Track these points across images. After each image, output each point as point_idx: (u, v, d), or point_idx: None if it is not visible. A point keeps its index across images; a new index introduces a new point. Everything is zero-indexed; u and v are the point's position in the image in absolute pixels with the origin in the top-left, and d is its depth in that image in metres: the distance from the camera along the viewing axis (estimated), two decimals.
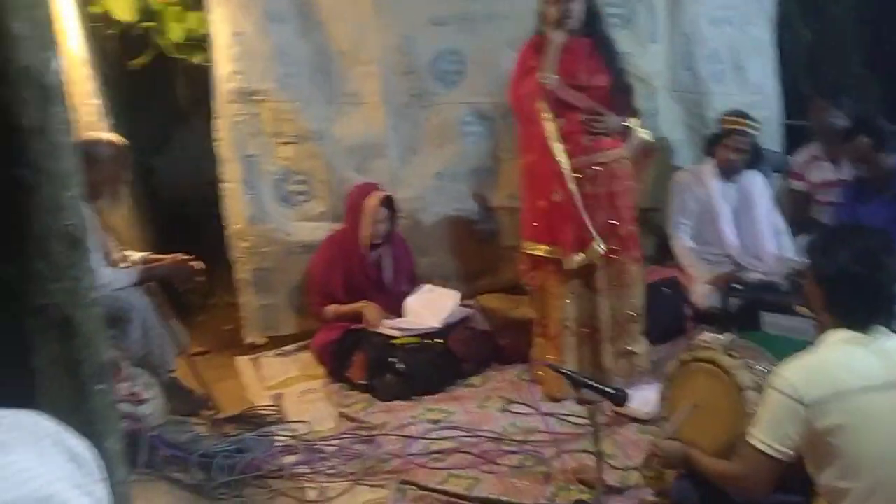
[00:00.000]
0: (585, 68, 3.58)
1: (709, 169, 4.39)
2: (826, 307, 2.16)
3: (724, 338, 2.61)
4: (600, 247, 3.57)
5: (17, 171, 1.81)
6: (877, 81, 6.20)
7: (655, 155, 3.89)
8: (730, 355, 2.51)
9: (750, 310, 3.72)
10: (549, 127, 3.53)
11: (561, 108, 3.57)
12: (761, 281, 4.00)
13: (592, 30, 3.61)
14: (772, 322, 3.58)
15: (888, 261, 2.10)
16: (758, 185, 4.39)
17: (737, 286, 3.96)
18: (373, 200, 4.10)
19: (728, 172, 4.35)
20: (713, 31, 5.04)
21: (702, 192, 4.37)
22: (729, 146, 4.31)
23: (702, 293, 4.12)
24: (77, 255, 1.90)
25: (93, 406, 1.92)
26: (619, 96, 3.64)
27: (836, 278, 2.12)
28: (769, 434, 2.07)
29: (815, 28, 6.02)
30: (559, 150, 3.53)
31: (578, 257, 3.60)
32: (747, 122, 4.32)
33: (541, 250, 3.70)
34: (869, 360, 2.05)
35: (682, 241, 4.38)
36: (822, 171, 4.54)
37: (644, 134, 3.74)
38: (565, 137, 3.56)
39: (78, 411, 1.89)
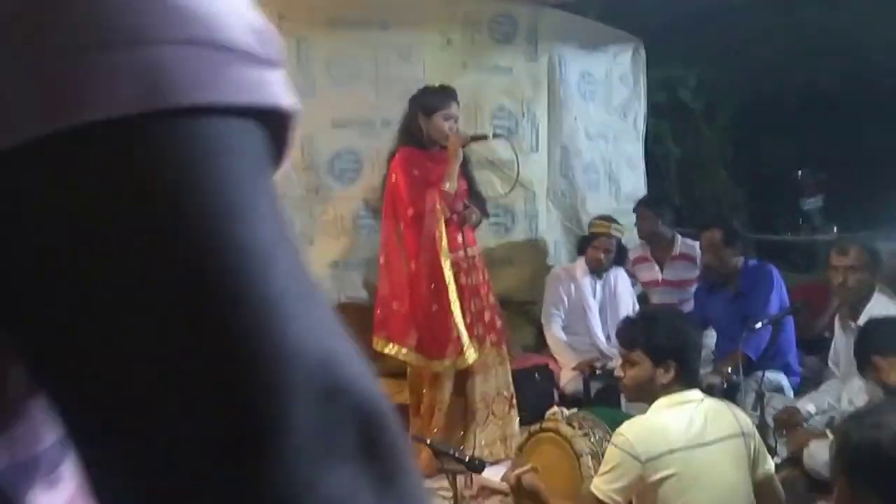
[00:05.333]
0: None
1: (580, 267, 4.82)
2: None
3: (567, 411, 2.95)
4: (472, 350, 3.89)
5: None
6: (742, 193, 6.90)
7: None
8: (570, 425, 2.85)
9: (611, 392, 4.08)
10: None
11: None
12: None
13: None
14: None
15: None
16: (622, 281, 4.86)
17: (598, 371, 4.34)
18: None
19: (596, 270, 4.79)
20: (589, 145, 5.59)
21: (573, 287, 4.79)
22: (597, 247, 4.76)
23: (568, 378, 4.50)
24: None
25: None
26: (476, 200, 4.11)
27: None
28: (608, 484, 2.38)
29: (686, 145, 6.70)
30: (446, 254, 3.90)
31: (448, 361, 3.91)
32: (613, 226, 4.80)
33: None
34: (698, 419, 2.42)
35: (554, 332, 4.75)
36: (650, 272, 5.07)
37: None
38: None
39: None
